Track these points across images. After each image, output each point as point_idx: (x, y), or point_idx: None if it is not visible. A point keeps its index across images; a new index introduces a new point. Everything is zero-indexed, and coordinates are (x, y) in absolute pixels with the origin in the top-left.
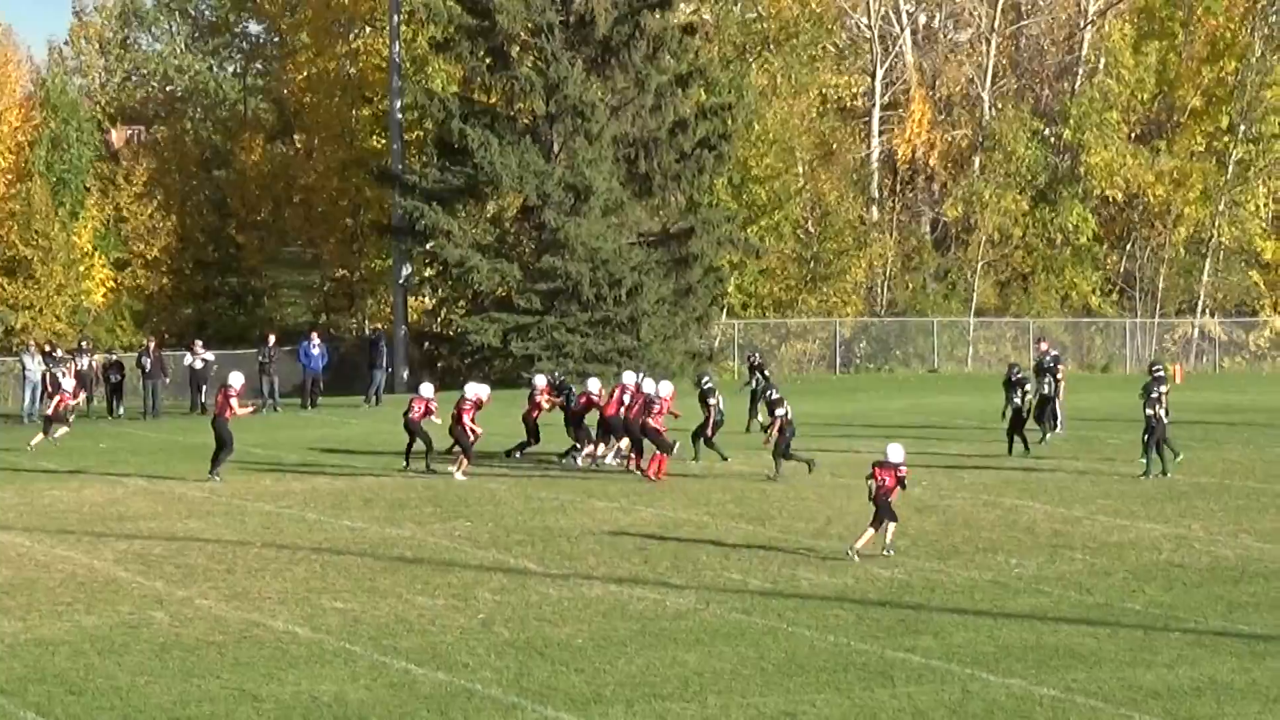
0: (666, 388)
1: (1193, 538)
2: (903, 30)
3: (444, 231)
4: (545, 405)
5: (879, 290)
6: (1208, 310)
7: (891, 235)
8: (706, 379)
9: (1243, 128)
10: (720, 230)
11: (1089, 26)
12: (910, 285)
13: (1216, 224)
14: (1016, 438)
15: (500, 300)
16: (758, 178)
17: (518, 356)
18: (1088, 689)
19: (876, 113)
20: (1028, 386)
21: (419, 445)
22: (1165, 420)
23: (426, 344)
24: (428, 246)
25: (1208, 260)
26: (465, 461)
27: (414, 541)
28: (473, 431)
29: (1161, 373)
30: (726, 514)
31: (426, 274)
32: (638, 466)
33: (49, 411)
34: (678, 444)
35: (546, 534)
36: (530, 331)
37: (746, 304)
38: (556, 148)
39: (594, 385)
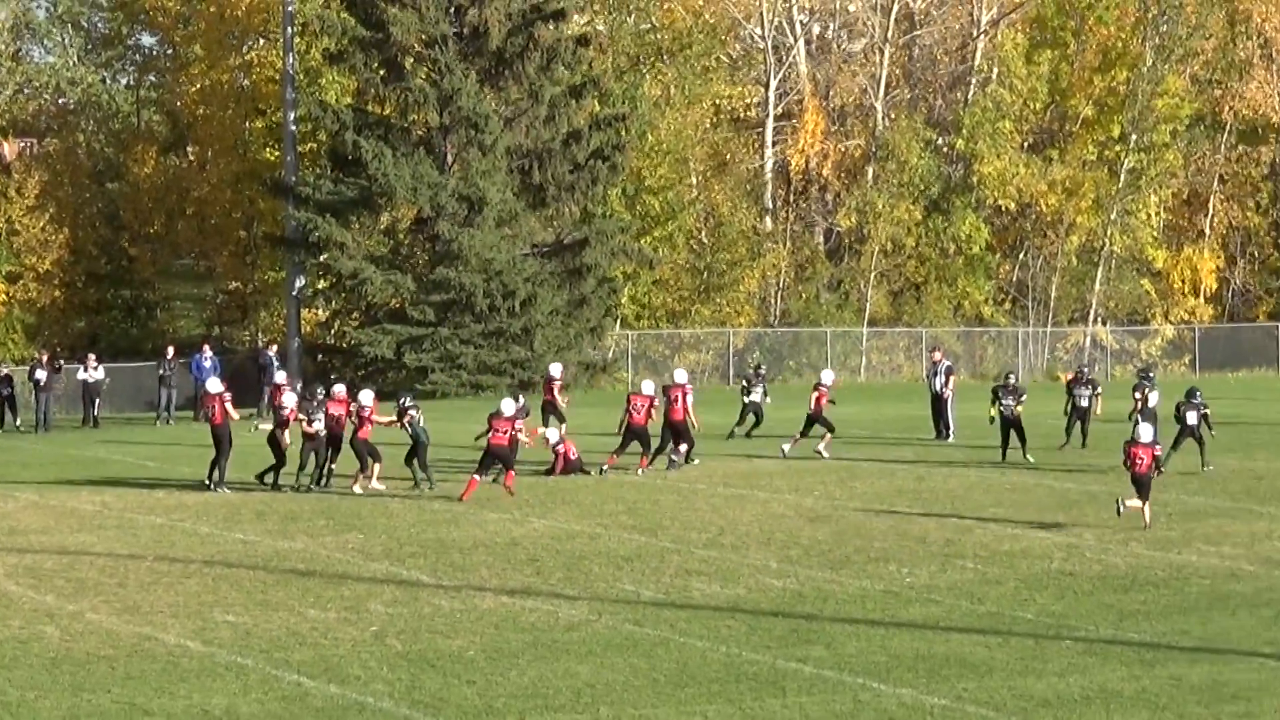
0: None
1: (1084, 546)
2: (796, 41)
3: (337, 243)
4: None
5: (772, 300)
6: (1099, 319)
7: (785, 245)
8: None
9: (1134, 137)
10: (614, 241)
11: (982, 36)
12: (803, 295)
13: (1108, 233)
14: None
15: (394, 312)
16: (651, 188)
17: (411, 368)
18: (978, 698)
19: (770, 123)
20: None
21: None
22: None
23: (320, 356)
24: (321, 258)
25: (1100, 269)
26: (378, 468)
27: (306, 554)
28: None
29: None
30: (619, 525)
31: (320, 286)
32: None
33: None
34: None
35: (439, 546)
36: (424, 343)
37: (640, 315)
38: (450, 159)
39: (827, 377)
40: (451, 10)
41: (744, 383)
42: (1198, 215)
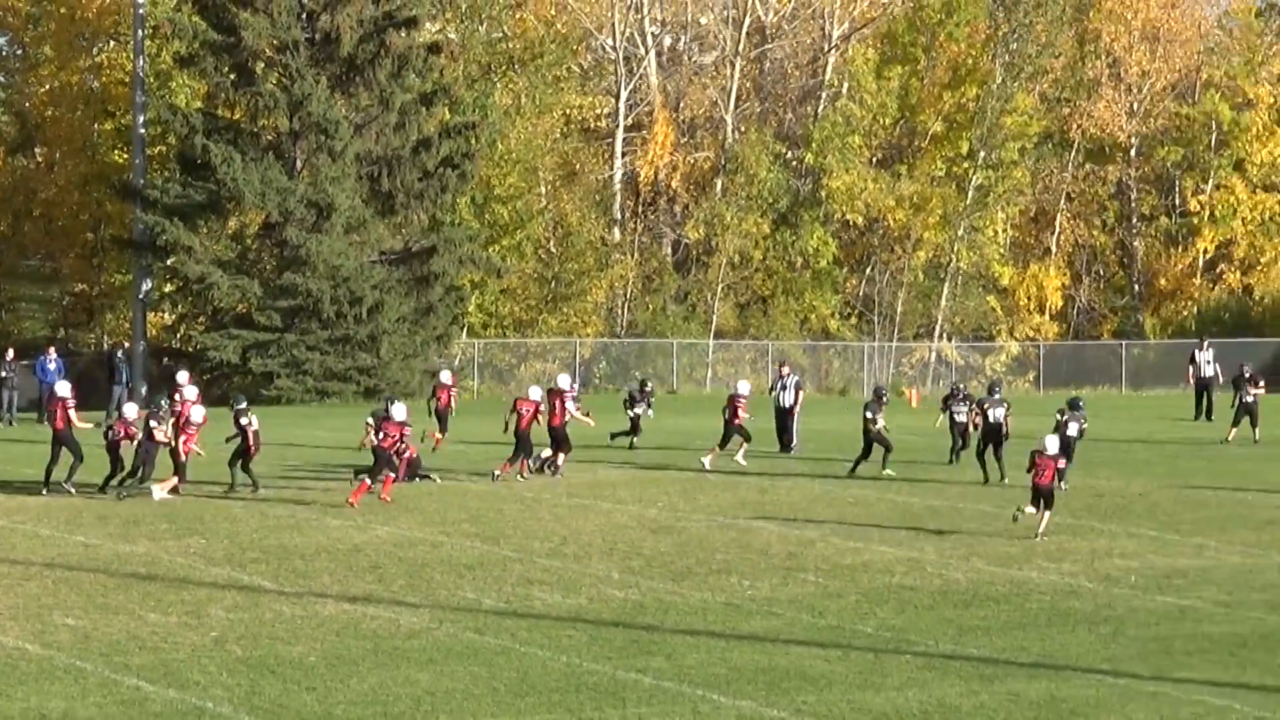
0: (744, 386)
1: (925, 561)
2: (647, 52)
3: (185, 247)
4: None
5: (619, 311)
6: (945, 334)
7: (633, 256)
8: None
9: (983, 154)
10: (462, 249)
11: (832, 51)
12: (650, 306)
13: (955, 249)
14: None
15: (240, 317)
16: (500, 197)
17: (257, 374)
18: (818, 711)
19: (620, 134)
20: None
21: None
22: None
23: (166, 360)
24: (168, 262)
25: (946, 285)
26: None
27: (148, 558)
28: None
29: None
30: (462, 533)
31: (167, 289)
32: None
33: None
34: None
35: (281, 551)
36: (270, 349)
37: (487, 323)
38: (300, 164)
39: (743, 388)
40: (303, 16)
41: (629, 395)
42: (1044, 233)
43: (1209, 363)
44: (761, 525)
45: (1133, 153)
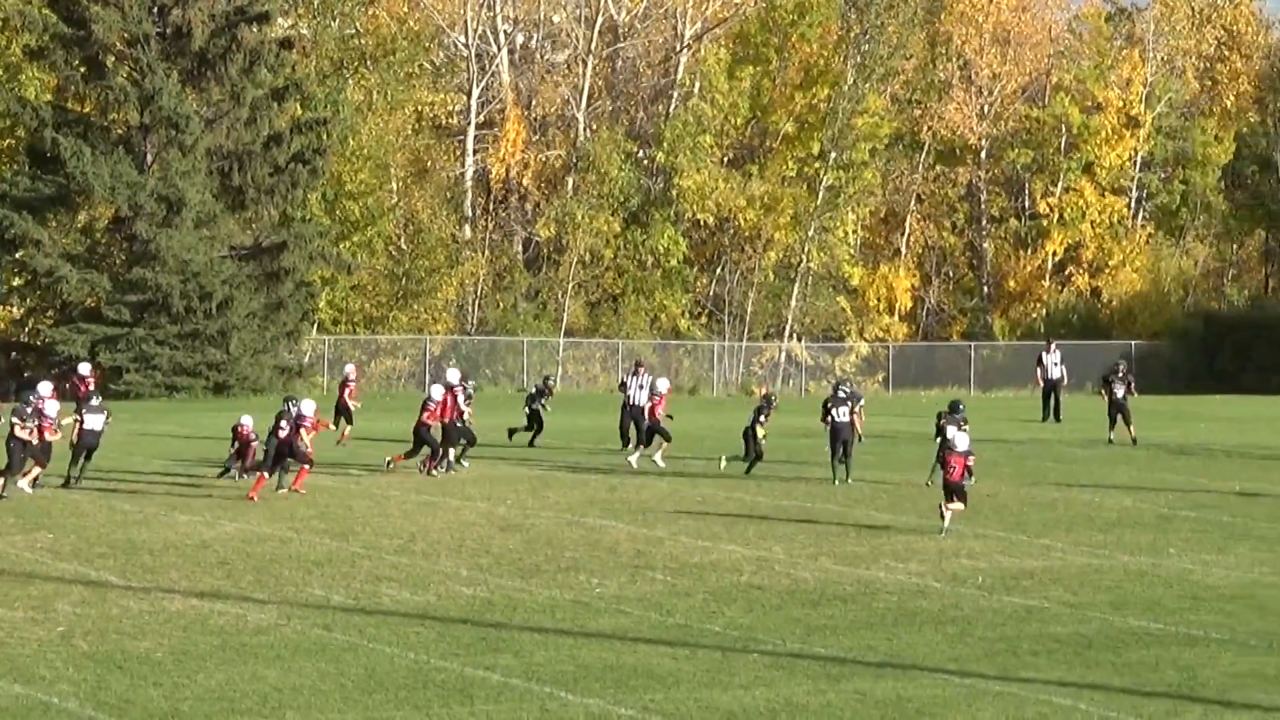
0: (664, 384)
1: (773, 560)
2: (500, 50)
3: (34, 241)
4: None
5: (470, 308)
6: (795, 335)
7: (484, 254)
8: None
9: (834, 154)
10: (312, 245)
11: (685, 50)
12: (501, 304)
13: (806, 249)
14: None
15: (89, 311)
16: (351, 193)
17: (105, 368)
18: (665, 709)
19: (472, 131)
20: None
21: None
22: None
23: (13, 354)
24: (17, 255)
25: (796, 285)
26: (38, 472)
27: None
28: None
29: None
30: (311, 529)
31: (15, 283)
32: None
33: None
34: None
35: (129, 547)
36: (119, 343)
37: (338, 320)
38: (150, 159)
39: (662, 385)
40: (154, 10)
41: (533, 390)
42: (894, 234)
43: (1056, 365)
44: (610, 523)
45: (983, 155)
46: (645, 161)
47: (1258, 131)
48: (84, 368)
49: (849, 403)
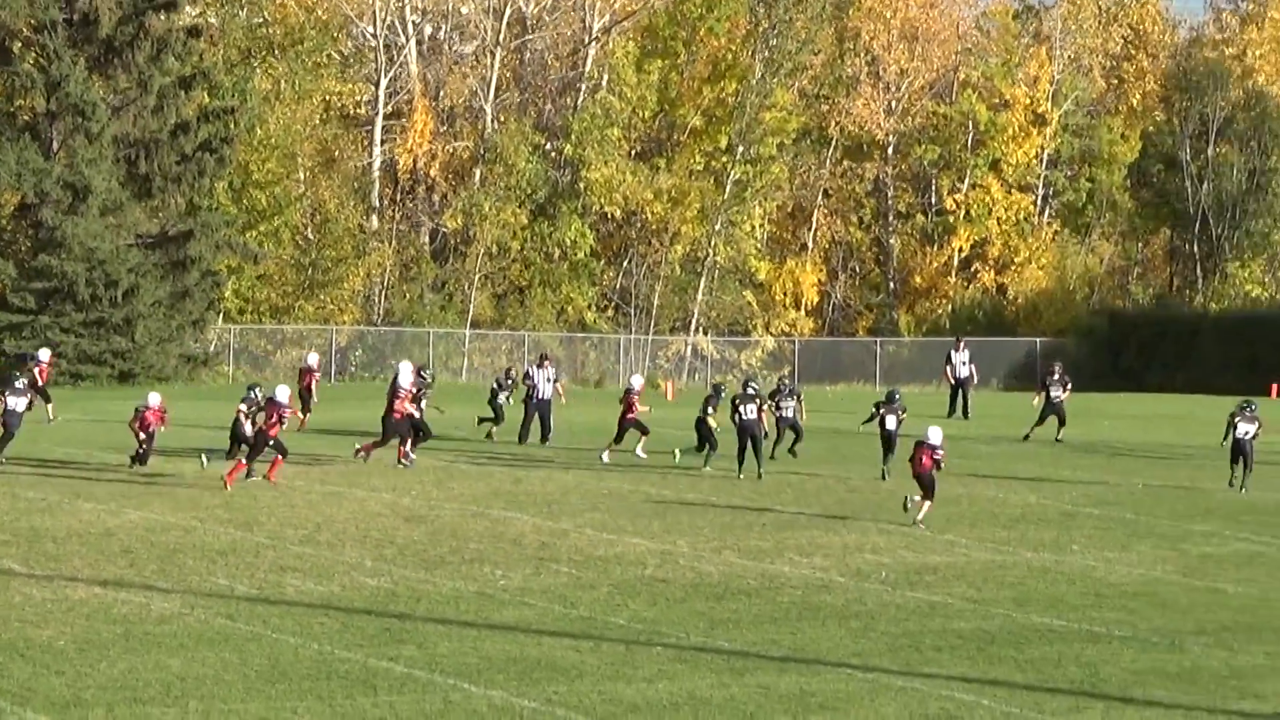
0: (638, 381)
1: (678, 553)
2: (408, 40)
3: None
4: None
5: (376, 299)
6: (701, 328)
7: (390, 244)
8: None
9: (741, 149)
10: (219, 234)
11: (593, 43)
12: (408, 295)
13: (712, 243)
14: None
15: None
16: (259, 182)
17: (10, 355)
18: (568, 702)
19: (379, 121)
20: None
21: None
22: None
23: None
24: None
25: (703, 279)
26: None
27: None
28: None
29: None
30: (215, 519)
31: None
32: None
33: None
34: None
35: (32, 534)
36: (24, 330)
37: (244, 309)
38: (56, 146)
39: (636, 383)
40: None
41: (494, 384)
42: (801, 229)
43: (965, 363)
44: (515, 515)
45: (890, 150)
46: (553, 154)
47: (1164, 130)
48: (44, 353)
49: (756, 400)
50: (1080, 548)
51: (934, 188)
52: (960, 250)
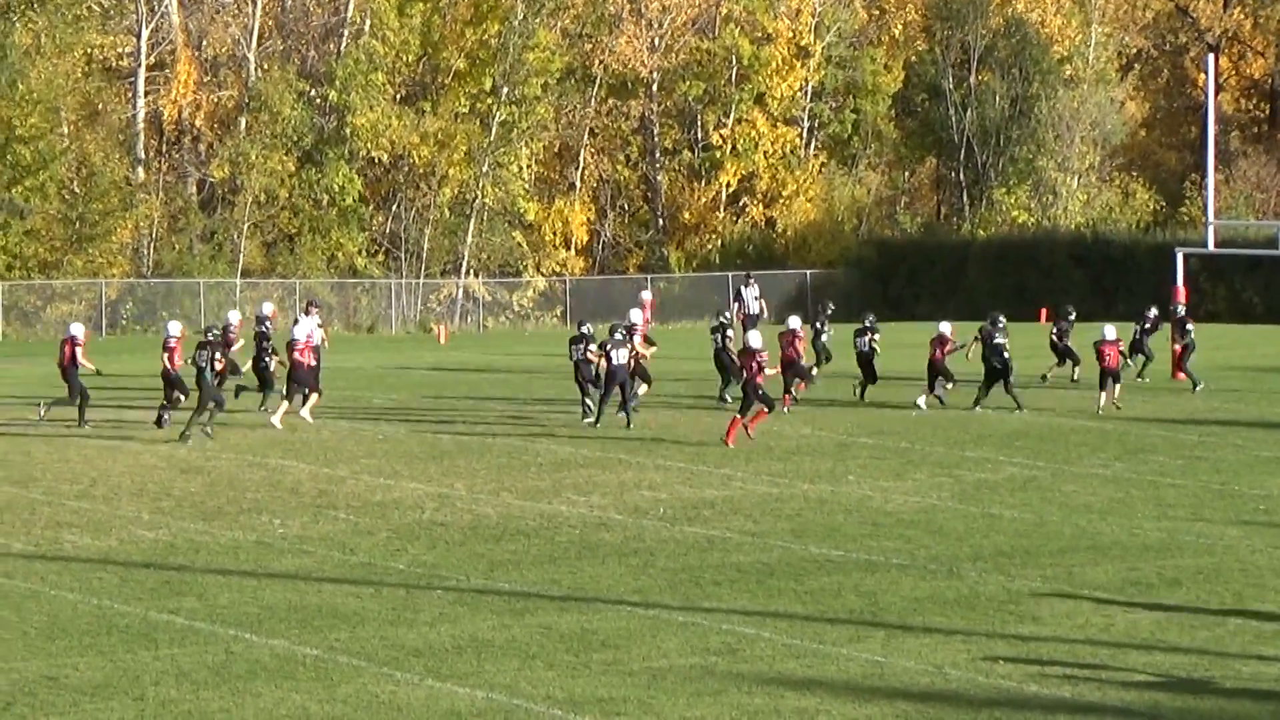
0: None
1: (455, 496)
2: None
3: None
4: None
5: (145, 251)
6: (473, 271)
7: (158, 196)
8: None
9: (505, 90)
10: None
11: None
12: (177, 246)
13: (480, 185)
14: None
15: None
16: (22, 138)
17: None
18: (350, 648)
19: (142, 73)
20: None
21: None
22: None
23: None
24: None
25: (472, 221)
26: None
27: None
28: None
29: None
30: None
31: None
32: None
33: None
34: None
35: None
36: None
37: (11, 265)
38: None
39: (794, 322)
40: None
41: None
42: (569, 168)
43: (756, 299)
44: (292, 464)
45: (655, 88)
46: (318, 100)
47: (926, 60)
48: (77, 328)
49: (626, 345)
50: (856, 478)
51: (700, 123)
52: (728, 185)
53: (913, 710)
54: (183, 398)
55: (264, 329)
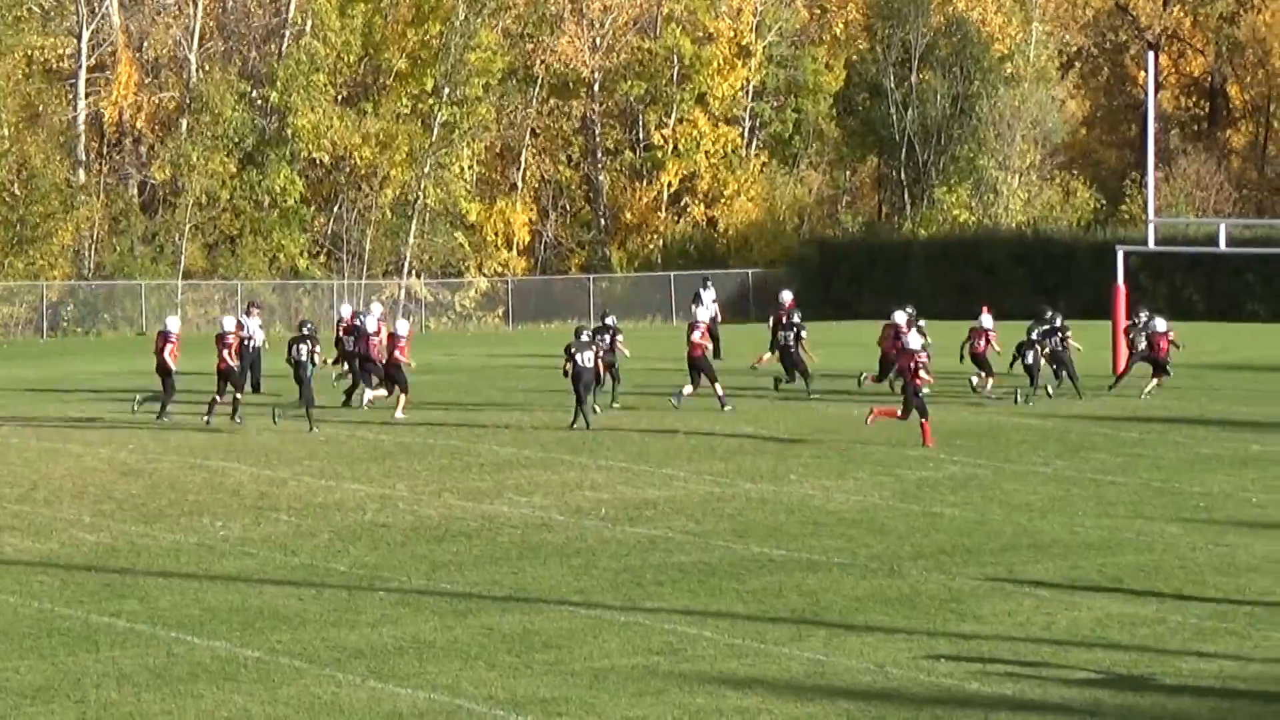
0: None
1: (397, 497)
2: None
3: None
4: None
5: (87, 253)
6: (415, 271)
7: (99, 198)
8: None
9: (447, 90)
10: None
11: None
12: (118, 248)
13: (422, 186)
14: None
15: None
16: None
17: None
18: (292, 650)
19: (83, 74)
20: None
21: None
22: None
23: None
24: None
25: (414, 222)
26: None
27: None
28: None
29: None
30: None
31: None
32: None
33: None
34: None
35: None
36: None
37: None
38: None
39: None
40: None
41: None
42: (510, 169)
43: (713, 301)
44: (233, 466)
45: (596, 88)
46: (259, 101)
47: (867, 59)
48: (173, 322)
49: (593, 347)
50: (798, 477)
51: (641, 123)
52: (669, 185)
53: (855, 709)
54: (238, 394)
55: (358, 324)
